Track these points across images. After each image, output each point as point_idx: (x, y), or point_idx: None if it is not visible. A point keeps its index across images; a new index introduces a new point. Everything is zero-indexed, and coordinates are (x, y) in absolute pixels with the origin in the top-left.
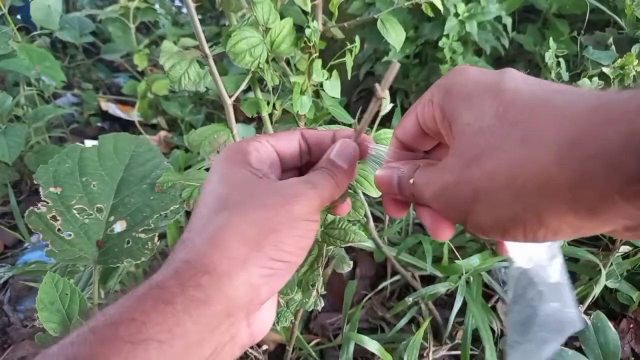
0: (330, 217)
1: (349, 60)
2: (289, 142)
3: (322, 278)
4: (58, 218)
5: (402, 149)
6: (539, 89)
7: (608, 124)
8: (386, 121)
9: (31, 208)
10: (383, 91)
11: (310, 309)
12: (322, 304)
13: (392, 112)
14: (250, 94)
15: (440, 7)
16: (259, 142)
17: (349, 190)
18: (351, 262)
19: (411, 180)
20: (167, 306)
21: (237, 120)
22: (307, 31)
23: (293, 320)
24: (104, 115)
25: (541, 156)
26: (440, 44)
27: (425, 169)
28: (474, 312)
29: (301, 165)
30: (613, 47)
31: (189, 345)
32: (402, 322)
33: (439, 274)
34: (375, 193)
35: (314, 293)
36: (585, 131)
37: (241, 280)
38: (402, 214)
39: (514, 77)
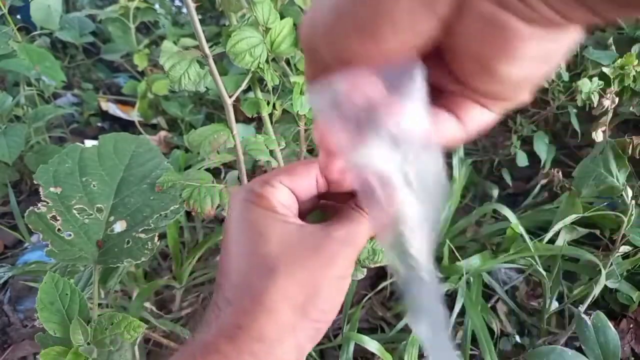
0: None
1: None
2: (306, 179)
3: None
4: (58, 218)
5: None
6: None
7: None
8: None
9: (31, 208)
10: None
11: None
12: None
13: None
14: (250, 94)
15: None
16: (273, 187)
17: None
18: (365, 270)
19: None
20: None
21: (237, 120)
22: None
23: None
24: (104, 115)
25: None
26: None
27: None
28: (471, 316)
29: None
30: (613, 47)
31: None
32: (402, 322)
33: (439, 274)
34: None
35: None
36: None
37: (291, 346)
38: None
39: None
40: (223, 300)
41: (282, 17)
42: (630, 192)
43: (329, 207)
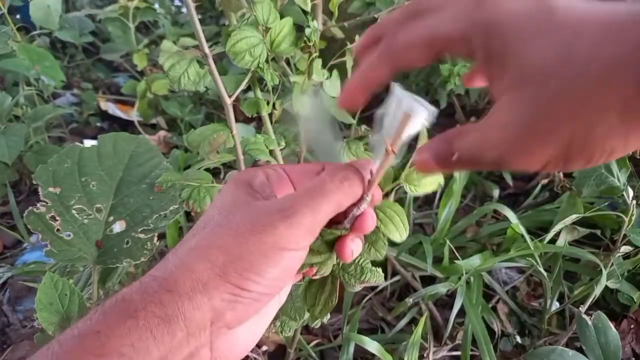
0: None
1: (349, 60)
2: (306, 169)
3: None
4: (57, 218)
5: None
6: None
7: None
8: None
9: (30, 208)
10: (394, 146)
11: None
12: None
13: None
14: (250, 94)
15: None
16: (272, 169)
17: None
18: (382, 275)
19: (454, 157)
20: (130, 320)
21: (236, 120)
22: (307, 31)
23: (282, 335)
24: (104, 115)
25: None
26: None
27: (465, 133)
28: (472, 316)
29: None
30: None
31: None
32: (402, 322)
33: (439, 274)
34: (399, 238)
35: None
36: None
37: (202, 303)
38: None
39: (560, 7)
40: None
41: (282, 17)
42: (631, 192)
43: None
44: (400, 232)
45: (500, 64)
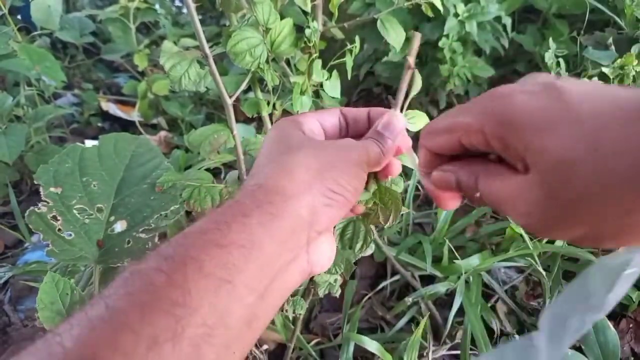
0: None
1: (349, 61)
2: (331, 118)
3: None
4: (58, 218)
5: (433, 156)
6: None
7: None
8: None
9: (32, 208)
10: (412, 60)
11: (336, 291)
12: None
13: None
14: (251, 94)
15: (440, 8)
16: (305, 118)
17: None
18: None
19: (477, 194)
20: (245, 218)
21: (237, 120)
22: (307, 31)
23: (294, 314)
24: (104, 116)
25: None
26: (440, 44)
27: (491, 179)
28: (471, 316)
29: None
30: (613, 47)
31: (263, 253)
32: (402, 321)
33: (438, 273)
34: (410, 164)
35: (338, 276)
36: None
37: (306, 202)
38: (455, 206)
39: (573, 95)
40: (248, 178)
41: (282, 18)
42: None
43: None
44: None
45: (519, 156)
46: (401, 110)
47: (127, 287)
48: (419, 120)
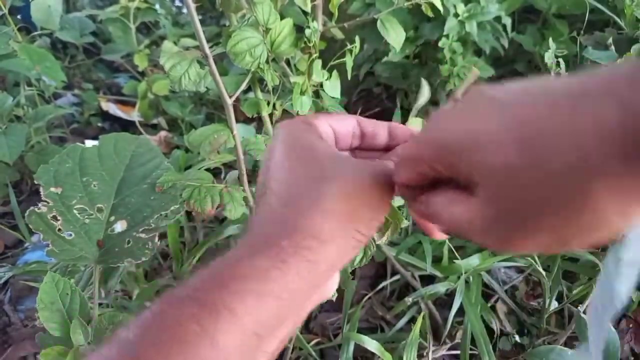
0: None
1: (349, 61)
2: (346, 125)
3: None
4: (58, 218)
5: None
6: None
7: None
8: (383, 119)
9: (32, 208)
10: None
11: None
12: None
13: (391, 112)
14: (251, 94)
15: (440, 8)
16: (318, 120)
17: None
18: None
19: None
20: (283, 265)
21: (237, 120)
22: (307, 31)
23: None
24: (105, 116)
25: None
26: (440, 44)
27: (452, 207)
28: (471, 315)
29: (350, 149)
30: (612, 47)
31: (296, 303)
32: (402, 321)
33: (438, 273)
34: None
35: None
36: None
37: (337, 247)
38: (444, 236)
39: (499, 99)
40: (275, 203)
41: (282, 18)
42: None
43: None
44: None
45: (467, 177)
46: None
47: (154, 335)
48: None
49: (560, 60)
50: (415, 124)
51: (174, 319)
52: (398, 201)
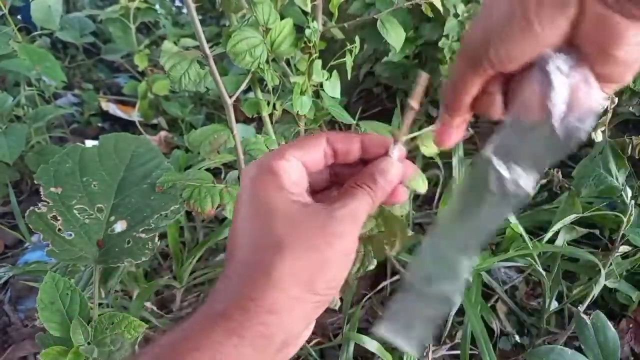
0: None
1: (348, 61)
2: (315, 152)
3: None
4: (58, 218)
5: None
6: None
7: None
8: (383, 119)
9: (32, 208)
10: (415, 103)
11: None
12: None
13: (391, 111)
14: (251, 94)
15: (440, 8)
16: (286, 162)
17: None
18: (375, 261)
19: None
20: (238, 340)
21: (237, 120)
22: (307, 31)
23: None
24: (105, 116)
25: None
26: (440, 44)
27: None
28: (471, 316)
29: (325, 166)
30: None
31: None
32: None
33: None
34: (423, 189)
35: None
36: None
37: (299, 316)
38: (454, 140)
39: None
40: (233, 273)
41: (282, 18)
42: (629, 192)
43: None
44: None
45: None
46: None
47: None
48: (431, 145)
49: None
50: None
51: None
52: (402, 208)
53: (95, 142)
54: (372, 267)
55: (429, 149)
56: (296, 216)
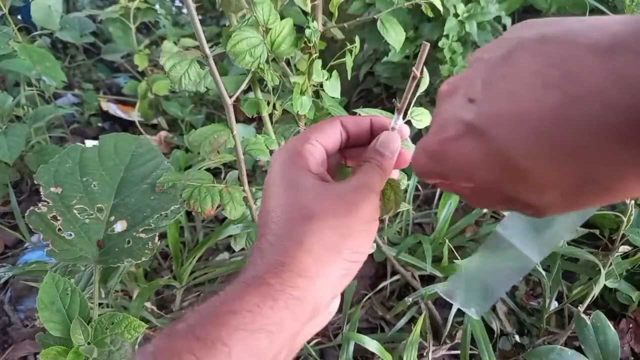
0: None
1: (349, 61)
2: (333, 135)
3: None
4: (59, 218)
5: None
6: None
7: None
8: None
9: (32, 208)
10: (418, 71)
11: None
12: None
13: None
14: (251, 94)
15: (440, 8)
16: (311, 145)
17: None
18: (374, 245)
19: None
20: (273, 302)
21: (237, 120)
22: (307, 31)
23: None
24: (105, 116)
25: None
26: (440, 44)
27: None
28: (470, 317)
29: (341, 147)
30: None
31: (287, 334)
32: (402, 321)
33: (438, 273)
34: None
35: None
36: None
37: (327, 281)
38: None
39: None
40: (266, 244)
41: (282, 18)
42: None
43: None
44: None
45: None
46: (405, 112)
47: None
48: (424, 118)
49: None
50: (421, 113)
51: (173, 351)
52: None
53: (95, 142)
54: (370, 250)
55: (422, 122)
56: (321, 192)
